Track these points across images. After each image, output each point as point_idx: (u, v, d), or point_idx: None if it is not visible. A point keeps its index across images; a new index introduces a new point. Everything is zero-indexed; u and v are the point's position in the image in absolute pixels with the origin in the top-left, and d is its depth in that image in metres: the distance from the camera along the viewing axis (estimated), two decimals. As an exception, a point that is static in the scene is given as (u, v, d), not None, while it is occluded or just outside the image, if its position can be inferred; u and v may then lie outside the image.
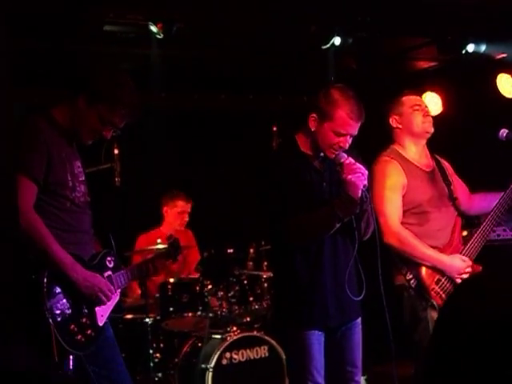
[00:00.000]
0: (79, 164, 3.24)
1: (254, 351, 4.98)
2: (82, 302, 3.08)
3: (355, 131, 3.26)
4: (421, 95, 4.19)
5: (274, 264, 3.59)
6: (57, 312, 2.96)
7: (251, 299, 5.27)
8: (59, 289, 3.00)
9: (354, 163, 3.17)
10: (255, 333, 5.11)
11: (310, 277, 3.30)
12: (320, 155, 3.33)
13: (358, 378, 3.48)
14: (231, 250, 5.41)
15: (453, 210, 3.86)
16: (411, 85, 5.01)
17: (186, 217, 5.90)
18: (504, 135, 3.86)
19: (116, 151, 4.32)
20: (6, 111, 2.42)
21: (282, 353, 4.88)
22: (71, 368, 3.00)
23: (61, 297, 3.00)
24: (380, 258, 3.30)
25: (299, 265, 3.30)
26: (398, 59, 6.39)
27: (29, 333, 2.75)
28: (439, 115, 5.55)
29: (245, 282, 5.29)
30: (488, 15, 5.15)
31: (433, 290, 3.63)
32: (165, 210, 5.93)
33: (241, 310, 5.21)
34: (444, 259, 3.68)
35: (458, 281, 3.64)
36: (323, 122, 3.24)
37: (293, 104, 6.53)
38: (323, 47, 5.51)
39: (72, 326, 3.01)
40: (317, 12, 5.12)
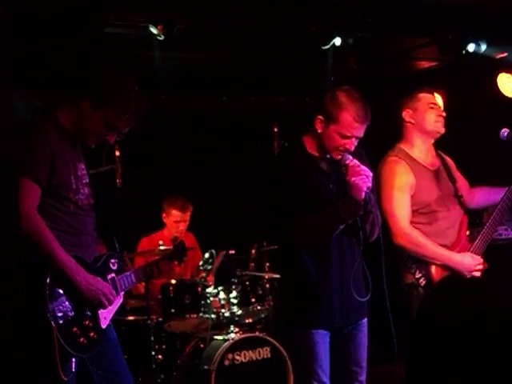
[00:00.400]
0: (83, 166, 3.23)
1: (257, 352, 4.98)
2: (85, 305, 3.07)
3: (361, 133, 3.27)
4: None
5: (281, 264, 3.60)
6: (59, 314, 2.95)
7: (253, 300, 5.25)
8: (62, 291, 2.99)
9: (359, 165, 3.19)
10: (257, 334, 5.11)
11: (317, 277, 3.32)
12: (327, 157, 3.34)
13: (363, 378, 3.49)
14: (233, 251, 5.41)
15: (459, 208, 3.87)
16: (411, 85, 5.00)
17: (183, 226, 5.78)
18: (505, 135, 3.86)
19: (117, 153, 4.32)
20: (6, 111, 2.41)
21: (285, 353, 4.89)
22: (74, 370, 3.00)
23: (63, 299, 2.98)
24: (384, 258, 3.30)
25: (306, 265, 3.32)
26: (399, 59, 6.38)
27: (31, 335, 2.74)
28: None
29: (247, 283, 5.28)
30: (488, 15, 5.16)
31: None
32: (164, 216, 5.90)
33: (243, 311, 5.19)
34: (455, 257, 3.69)
35: (469, 278, 3.65)
36: (329, 124, 3.26)
37: (294, 105, 6.53)
38: (324, 47, 5.51)
39: (75, 329, 3.00)
40: (317, 12, 5.12)
